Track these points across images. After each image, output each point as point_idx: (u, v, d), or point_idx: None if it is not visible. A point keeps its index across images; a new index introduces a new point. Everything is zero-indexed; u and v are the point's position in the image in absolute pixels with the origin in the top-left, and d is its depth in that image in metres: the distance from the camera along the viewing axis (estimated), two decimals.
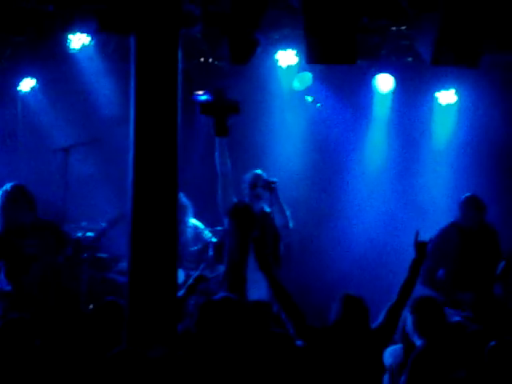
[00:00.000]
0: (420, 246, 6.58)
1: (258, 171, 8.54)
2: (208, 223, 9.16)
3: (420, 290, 6.83)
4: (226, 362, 5.86)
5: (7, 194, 7.97)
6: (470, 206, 8.61)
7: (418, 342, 6.41)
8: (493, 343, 5.92)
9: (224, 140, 8.19)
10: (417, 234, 6.60)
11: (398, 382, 6.42)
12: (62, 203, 8.55)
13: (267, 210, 8.51)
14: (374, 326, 6.34)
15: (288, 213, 8.46)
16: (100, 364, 5.55)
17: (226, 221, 8.46)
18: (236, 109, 8.03)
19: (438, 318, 6.48)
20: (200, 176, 9.36)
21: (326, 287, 9.18)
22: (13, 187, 8.01)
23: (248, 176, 8.52)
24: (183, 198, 8.71)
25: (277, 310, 7.58)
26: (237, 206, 8.41)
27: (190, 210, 8.96)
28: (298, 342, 6.28)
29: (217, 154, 8.28)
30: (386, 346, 6.37)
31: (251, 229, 8.15)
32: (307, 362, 6.17)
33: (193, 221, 9.06)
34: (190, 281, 7.33)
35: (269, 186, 8.32)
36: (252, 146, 10.19)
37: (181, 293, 7.12)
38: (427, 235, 6.69)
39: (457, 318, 7.10)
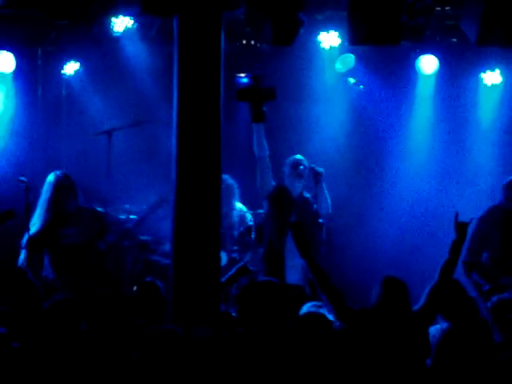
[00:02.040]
0: (460, 226, 6.51)
1: (299, 156, 8.54)
2: (250, 206, 9.17)
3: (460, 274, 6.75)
4: (266, 345, 5.87)
5: (56, 183, 8.04)
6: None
7: (444, 325, 6.37)
8: None
9: (261, 125, 8.21)
10: (456, 215, 6.54)
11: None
12: (105, 186, 8.60)
13: (307, 195, 8.51)
14: (415, 308, 6.30)
15: (329, 200, 8.46)
16: (139, 341, 5.60)
17: (264, 204, 8.47)
18: (272, 95, 8.05)
19: (461, 300, 6.43)
20: (242, 158, 9.35)
21: (367, 271, 9.15)
22: (60, 176, 8.08)
23: (289, 160, 8.52)
24: (229, 179, 8.74)
25: (310, 292, 7.59)
26: (276, 189, 8.42)
27: (237, 192, 8.97)
28: (337, 324, 6.28)
29: (254, 139, 8.30)
30: (427, 328, 6.33)
31: (289, 212, 8.15)
32: (348, 344, 6.16)
33: (238, 204, 9.08)
34: (233, 271, 7.34)
35: (315, 176, 8.32)
36: (294, 130, 10.16)
37: (222, 280, 7.14)
38: (469, 217, 6.62)
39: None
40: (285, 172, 8.55)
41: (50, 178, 8.11)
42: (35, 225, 8.03)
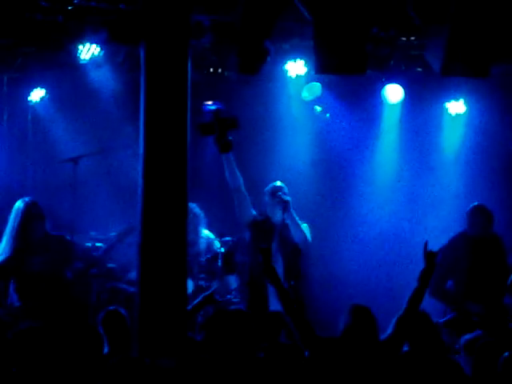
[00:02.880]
0: (429, 256, 6.55)
1: (278, 183, 8.53)
2: (217, 233, 9.16)
3: (428, 301, 6.79)
4: (232, 373, 5.85)
5: (24, 210, 7.96)
6: (477, 215, 8.61)
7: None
8: (506, 354, 5.90)
9: (230, 156, 8.22)
10: (426, 244, 6.58)
11: None
12: (70, 213, 8.55)
13: (288, 221, 8.50)
14: (382, 337, 6.31)
15: (305, 227, 8.45)
16: (103, 371, 5.54)
17: (246, 233, 8.46)
18: (235, 124, 8.09)
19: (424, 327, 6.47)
20: (209, 186, 9.36)
21: (334, 299, 9.16)
22: (29, 203, 8.00)
23: (268, 188, 8.52)
24: (196, 208, 8.74)
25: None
26: (256, 218, 8.42)
27: (203, 221, 8.97)
28: (306, 353, 6.27)
29: (225, 169, 8.29)
30: (395, 358, 6.34)
31: (270, 240, 8.14)
32: (315, 373, 6.15)
33: (205, 231, 9.07)
34: (199, 299, 7.32)
35: (282, 204, 8.33)
36: (260, 157, 10.19)
37: (189, 308, 7.12)
38: (437, 245, 6.67)
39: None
40: (265, 200, 8.54)
41: (19, 204, 8.03)
42: (2, 252, 7.95)
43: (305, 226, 8.46)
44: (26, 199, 8.07)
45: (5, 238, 8.00)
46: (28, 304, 7.89)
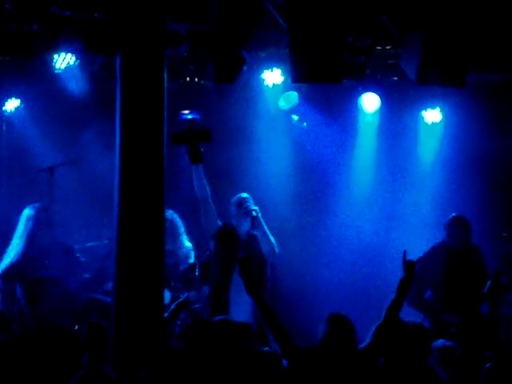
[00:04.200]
0: (408, 265, 6.56)
1: (244, 194, 8.57)
2: (195, 244, 9.13)
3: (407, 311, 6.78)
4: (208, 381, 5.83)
5: (35, 216, 8.07)
6: (456, 227, 8.64)
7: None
8: (488, 365, 5.90)
9: (200, 166, 8.29)
10: (404, 253, 6.58)
11: None
12: (55, 224, 8.55)
13: (254, 232, 8.52)
14: (361, 346, 6.30)
15: (273, 238, 8.50)
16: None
17: (211, 243, 8.48)
18: (207, 136, 8.15)
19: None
20: (186, 195, 9.32)
21: (313, 308, 9.15)
22: (40, 209, 8.12)
23: (234, 199, 8.56)
24: (177, 218, 8.74)
25: (256, 330, 7.58)
26: (222, 228, 8.44)
27: (183, 230, 8.96)
28: (284, 362, 6.26)
29: (194, 179, 8.35)
30: (374, 367, 6.33)
31: (236, 252, 8.15)
32: (293, 382, 6.13)
33: (185, 240, 9.05)
34: (172, 307, 7.32)
35: (250, 214, 8.37)
36: (237, 167, 10.18)
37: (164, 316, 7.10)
38: (415, 254, 6.68)
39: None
40: (231, 211, 8.58)
41: (29, 211, 8.16)
42: (9, 256, 8.09)
43: (272, 239, 8.51)
44: (37, 205, 8.18)
45: (13, 243, 8.15)
46: (34, 308, 7.93)
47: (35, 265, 8.04)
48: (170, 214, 8.74)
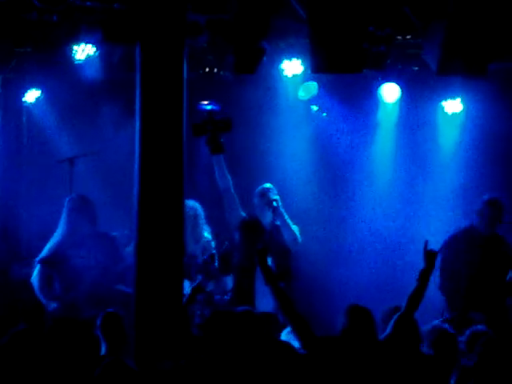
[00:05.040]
0: (429, 255, 6.52)
1: (268, 185, 8.56)
2: (214, 233, 9.14)
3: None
4: (235, 373, 5.83)
5: (73, 202, 8.16)
6: (490, 206, 8.51)
7: None
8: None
9: (221, 157, 8.29)
10: (426, 243, 6.55)
11: None
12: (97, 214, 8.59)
13: (278, 223, 8.52)
14: (382, 337, 6.28)
15: (295, 228, 8.48)
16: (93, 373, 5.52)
17: (235, 234, 8.49)
18: (228, 126, 8.14)
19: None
20: (206, 186, 9.33)
21: (334, 298, 9.14)
22: (78, 197, 8.22)
23: (257, 190, 8.56)
24: (199, 208, 8.75)
25: (283, 321, 7.59)
26: (245, 219, 8.45)
27: (204, 221, 8.98)
28: (301, 352, 6.25)
29: (216, 170, 8.36)
30: (395, 357, 6.31)
31: (260, 242, 8.15)
32: (313, 373, 6.13)
33: (205, 231, 9.06)
34: (189, 291, 7.34)
35: (271, 205, 8.36)
36: (257, 157, 10.17)
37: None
38: (436, 245, 6.65)
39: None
40: (254, 202, 8.58)
41: (66, 200, 8.32)
42: (50, 243, 8.20)
43: (295, 227, 8.49)
44: (73, 195, 8.42)
45: (56, 231, 8.26)
46: (67, 296, 8.04)
47: (75, 252, 8.12)
48: (193, 203, 8.77)
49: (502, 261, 8.50)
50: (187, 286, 8.21)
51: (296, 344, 6.27)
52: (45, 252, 8.20)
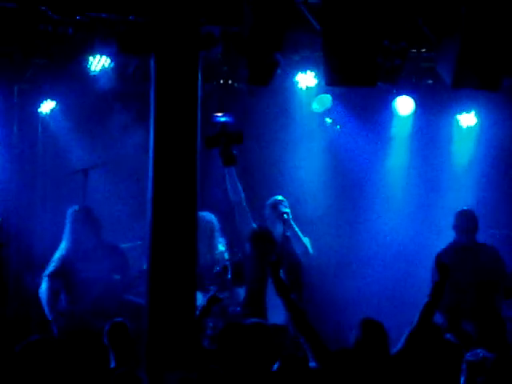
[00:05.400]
0: (442, 268, 6.50)
1: (279, 197, 8.59)
2: (227, 246, 9.14)
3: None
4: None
5: (71, 217, 8.17)
6: (461, 217, 8.64)
7: None
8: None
9: (233, 169, 8.33)
10: (439, 256, 6.53)
11: None
12: (102, 225, 8.60)
13: (288, 234, 8.54)
14: (393, 351, 6.26)
15: (306, 240, 8.51)
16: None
17: (246, 246, 8.51)
18: (240, 139, 8.17)
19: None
20: (218, 198, 9.34)
21: (346, 311, 9.12)
22: (80, 209, 8.22)
23: (269, 202, 8.59)
24: (214, 220, 8.78)
25: (294, 333, 7.57)
26: (257, 231, 8.47)
27: (218, 231, 9.00)
28: (313, 365, 6.24)
29: (227, 182, 8.39)
30: (407, 372, 6.28)
31: (271, 254, 8.16)
32: None
33: (219, 242, 9.07)
34: (204, 303, 7.34)
35: (281, 217, 8.39)
36: (270, 170, 10.17)
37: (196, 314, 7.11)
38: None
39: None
40: (266, 213, 8.61)
41: (69, 212, 8.33)
42: (57, 256, 8.22)
43: (306, 240, 8.51)
44: (76, 207, 8.41)
45: (61, 244, 8.28)
46: (74, 309, 8.04)
47: (81, 266, 8.13)
48: (209, 215, 8.79)
49: (484, 271, 8.50)
50: (200, 298, 8.23)
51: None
52: (52, 266, 8.21)
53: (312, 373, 6.06)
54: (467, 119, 10.47)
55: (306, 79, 9.86)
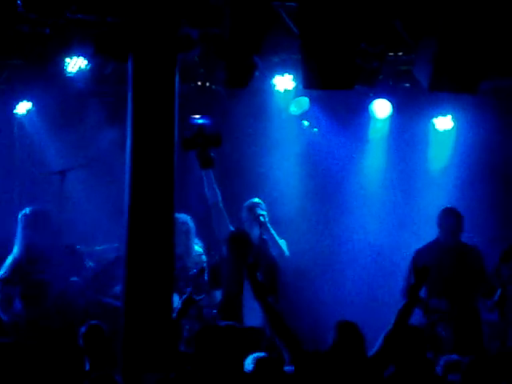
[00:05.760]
0: (420, 271, 6.53)
1: (256, 199, 8.61)
2: (204, 248, 9.13)
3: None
4: None
5: (26, 218, 8.08)
6: (446, 217, 8.70)
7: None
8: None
9: (210, 172, 8.32)
10: (416, 255, 6.55)
11: None
12: (57, 226, 8.53)
13: (264, 237, 8.56)
14: (370, 353, 6.27)
15: (282, 242, 8.53)
16: None
17: (223, 248, 8.50)
18: (218, 141, 8.18)
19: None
20: (196, 200, 9.33)
21: (323, 313, 9.13)
22: (32, 212, 8.14)
23: (246, 204, 8.60)
24: (190, 222, 8.77)
25: (270, 335, 7.58)
26: (234, 233, 8.47)
27: (194, 235, 8.98)
28: (288, 368, 6.24)
29: (205, 184, 8.39)
30: (383, 374, 6.29)
31: (247, 256, 8.17)
32: None
33: (196, 245, 9.06)
34: (179, 305, 7.32)
35: (258, 220, 8.40)
36: (248, 172, 10.17)
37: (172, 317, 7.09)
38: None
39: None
40: (242, 216, 8.62)
41: (20, 214, 8.20)
42: (8, 260, 8.10)
43: (282, 242, 8.53)
44: (27, 209, 8.26)
45: (14, 248, 8.15)
46: (30, 312, 7.94)
47: (35, 268, 8.02)
48: (184, 217, 8.78)
49: (466, 271, 8.55)
50: (176, 300, 8.21)
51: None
52: (3, 271, 8.09)
53: (287, 375, 6.06)
54: (444, 123, 10.52)
55: (284, 82, 9.87)
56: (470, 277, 8.52)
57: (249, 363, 6.07)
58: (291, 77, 9.79)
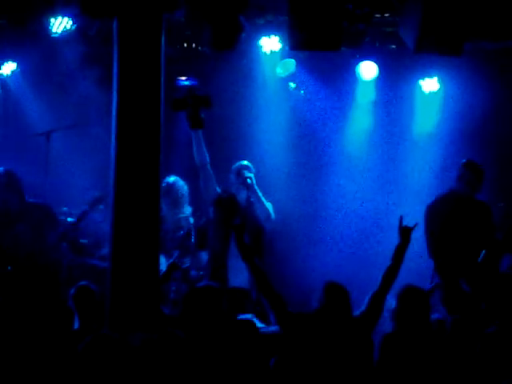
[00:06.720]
0: (404, 231, 6.55)
1: (244, 162, 8.60)
2: (192, 210, 9.15)
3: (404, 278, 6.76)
4: (205, 348, 5.87)
5: None
6: (469, 168, 8.62)
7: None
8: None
9: (199, 132, 8.29)
10: (401, 219, 6.58)
11: None
12: (42, 188, 8.51)
13: (253, 199, 8.57)
14: (357, 313, 6.33)
15: (269, 205, 8.54)
16: (76, 349, 5.51)
17: (210, 210, 8.52)
18: (208, 102, 8.14)
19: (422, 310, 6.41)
20: (183, 162, 9.33)
21: (309, 274, 9.19)
22: (1, 174, 8.05)
23: (234, 167, 8.60)
24: (184, 185, 8.80)
25: (256, 296, 7.64)
26: (221, 195, 8.48)
27: (185, 197, 8.98)
28: (273, 328, 6.29)
29: (194, 146, 8.37)
30: (370, 334, 6.35)
31: (234, 218, 8.19)
32: (288, 348, 6.17)
33: (187, 207, 9.08)
34: (164, 269, 7.36)
35: (245, 182, 8.40)
36: (235, 134, 10.17)
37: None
38: (411, 221, 6.67)
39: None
40: (230, 178, 8.61)
41: None
42: None
43: (268, 205, 8.55)
44: None
45: None
46: (7, 272, 7.94)
47: (7, 227, 8.01)
48: (176, 180, 8.79)
49: (481, 225, 8.55)
50: (163, 262, 8.25)
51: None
52: None
53: (258, 336, 6.11)
54: (430, 85, 10.51)
55: (270, 43, 9.84)
56: (480, 232, 8.50)
57: None
58: (278, 38, 9.76)
